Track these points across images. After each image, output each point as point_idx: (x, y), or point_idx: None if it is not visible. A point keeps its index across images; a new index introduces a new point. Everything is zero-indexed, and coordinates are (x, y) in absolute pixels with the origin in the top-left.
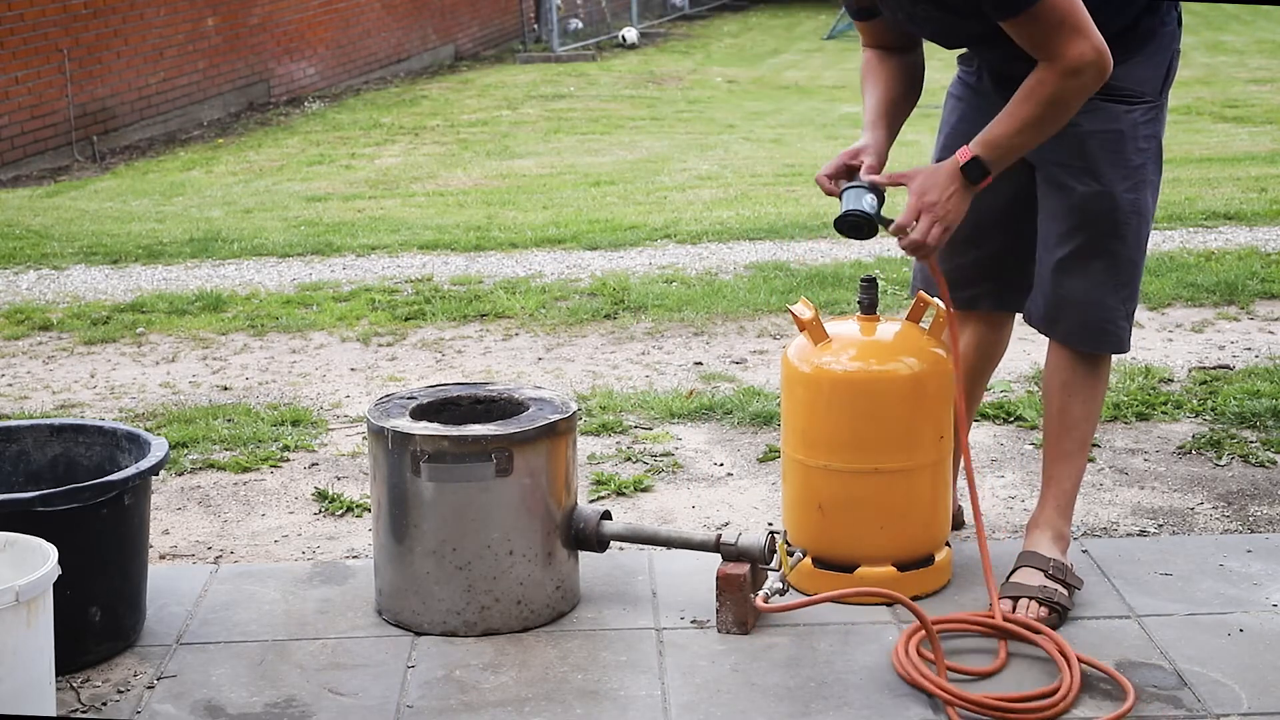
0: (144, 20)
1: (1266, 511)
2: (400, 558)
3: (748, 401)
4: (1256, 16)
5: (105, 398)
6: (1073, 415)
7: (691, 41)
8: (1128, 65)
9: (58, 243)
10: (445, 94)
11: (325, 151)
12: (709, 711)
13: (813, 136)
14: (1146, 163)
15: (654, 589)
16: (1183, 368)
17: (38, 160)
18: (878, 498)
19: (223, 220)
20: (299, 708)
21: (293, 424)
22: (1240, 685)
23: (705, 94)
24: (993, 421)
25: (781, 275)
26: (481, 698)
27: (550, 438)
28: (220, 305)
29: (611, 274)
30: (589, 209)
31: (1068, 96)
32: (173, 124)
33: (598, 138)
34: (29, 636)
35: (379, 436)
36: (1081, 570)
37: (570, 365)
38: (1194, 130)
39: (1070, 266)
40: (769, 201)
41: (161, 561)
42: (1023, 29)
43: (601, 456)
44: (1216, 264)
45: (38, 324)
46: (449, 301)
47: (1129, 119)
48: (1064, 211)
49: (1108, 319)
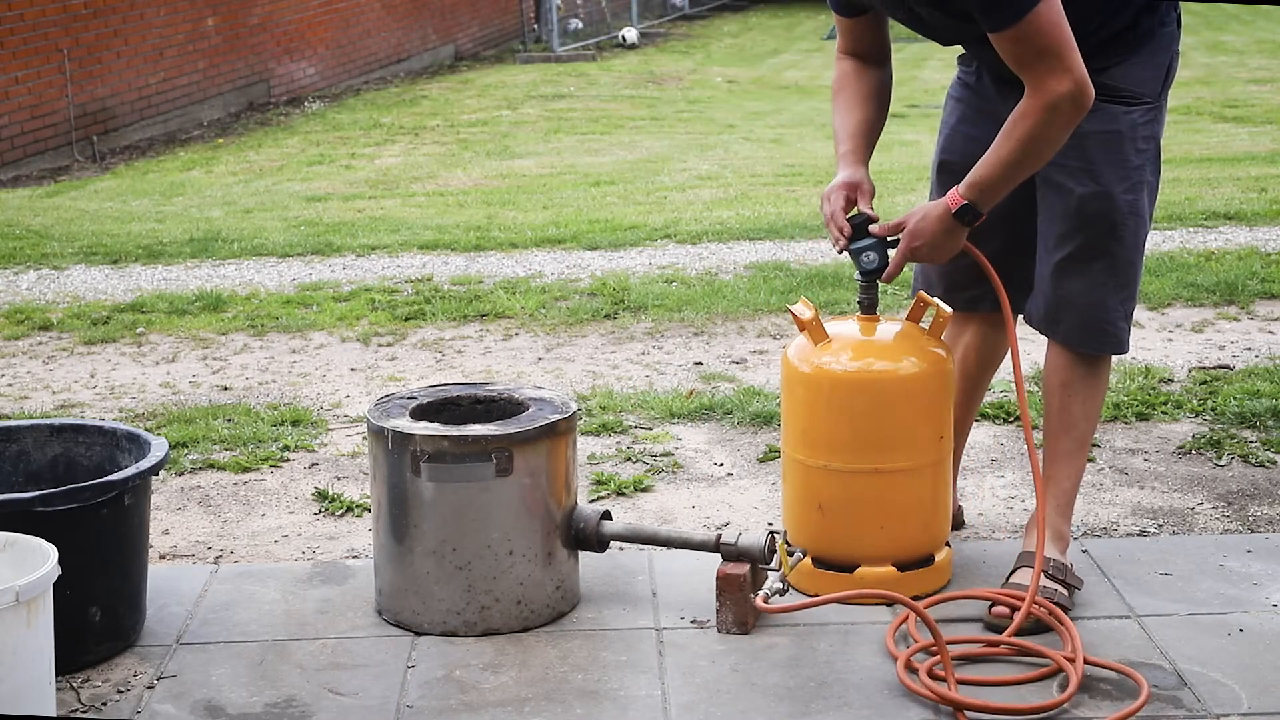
0: (144, 20)
1: (1266, 511)
2: (400, 558)
3: (748, 401)
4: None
5: (105, 398)
6: (1073, 415)
7: (691, 41)
8: (1126, 66)
9: (58, 243)
10: (445, 94)
11: (325, 151)
12: (709, 711)
13: (813, 136)
14: (1145, 164)
15: (654, 589)
16: (1183, 368)
17: (38, 160)
18: (878, 498)
19: (223, 220)
20: (299, 708)
21: (293, 424)
22: (1240, 685)
23: (705, 94)
24: (993, 421)
25: (781, 275)
26: (481, 698)
27: (550, 438)
28: (220, 305)
29: (611, 274)
30: (589, 209)
31: (1048, 131)
32: (173, 124)
33: (598, 138)
34: (29, 636)
35: (379, 436)
36: (1081, 570)
37: (570, 365)
38: (1194, 130)
39: (1070, 268)
40: (769, 201)
41: (161, 561)
42: (1008, 46)
43: (601, 456)
44: (1216, 264)
45: (38, 324)
46: (449, 301)
47: (1128, 119)
48: (1063, 213)
49: (1107, 320)
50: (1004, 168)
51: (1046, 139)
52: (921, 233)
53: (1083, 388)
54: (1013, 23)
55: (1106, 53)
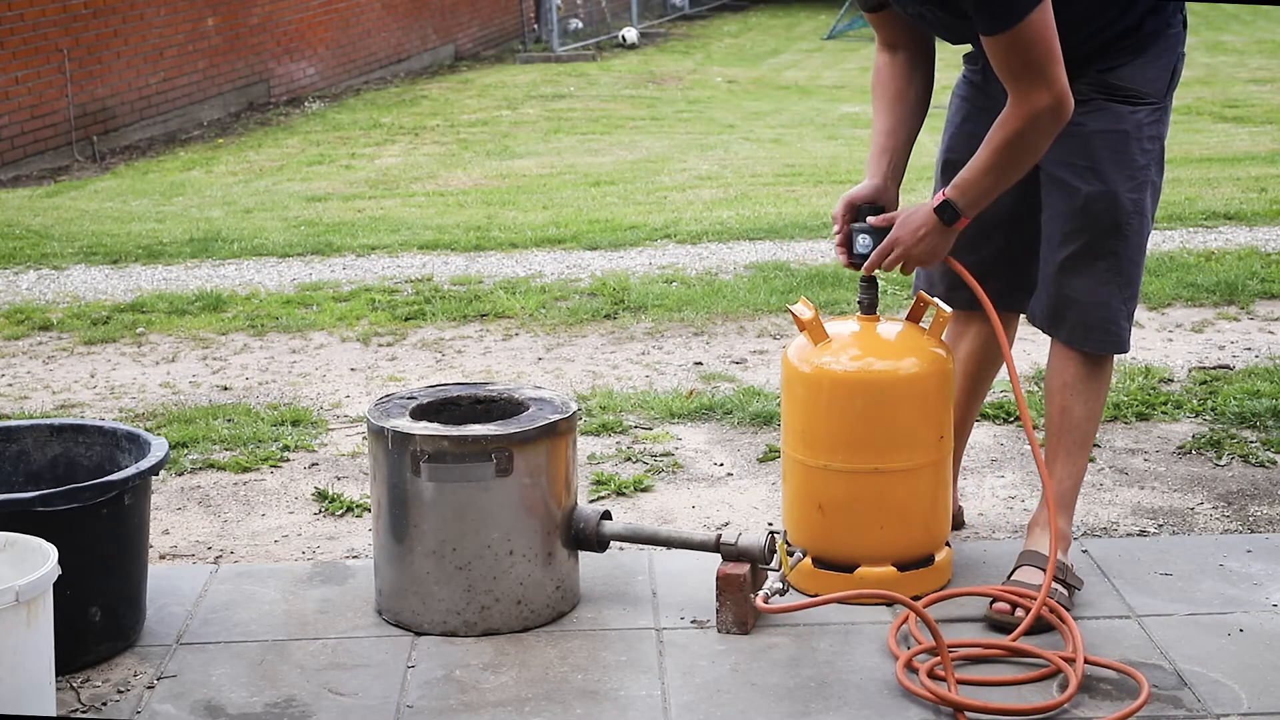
0: (144, 20)
1: (1266, 511)
2: (400, 558)
3: (748, 401)
4: (1256, 16)
5: (105, 398)
6: (1074, 415)
7: (691, 41)
8: (1133, 66)
9: (58, 243)
10: (445, 94)
11: (325, 151)
12: (709, 711)
13: (813, 136)
14: (1150, 164)
15: (654, 589)
16: (1183, 368)
17: (38, 160)
18: (878, 498)
19: (223, 220)
20: (299, 708)
21: (293, 424)
22: (1240, 685)
23: (705, 94)
24: (993, 421)
25: (781, 275)
26: (481, 698)
27: (550, 438)
28: (220, 305)
29: (611, 274)
30: (589, 209)
31: (1027, 140)
32: (173, 124)
33: (598, 138)
34: (29, 636)
35: (379, 436)
36: (1081, 570)
37: (570, 365)
38: (1194, 130)
39: (1074, 266)
40: (769, 201)
41: (161, 561)
42: (999, 52)
43: (601, 456)
44: (1216, 264)
45: (38, 324)
46: (449, 301)
47: (1134, 119)
48: (1068, 211)
49: (1110, 319)
50: (985, 172)
51: (1026, 147)
52: (906, 225)
53: (1085, 388)
54: (1007, 28)
55: (1112, 53)
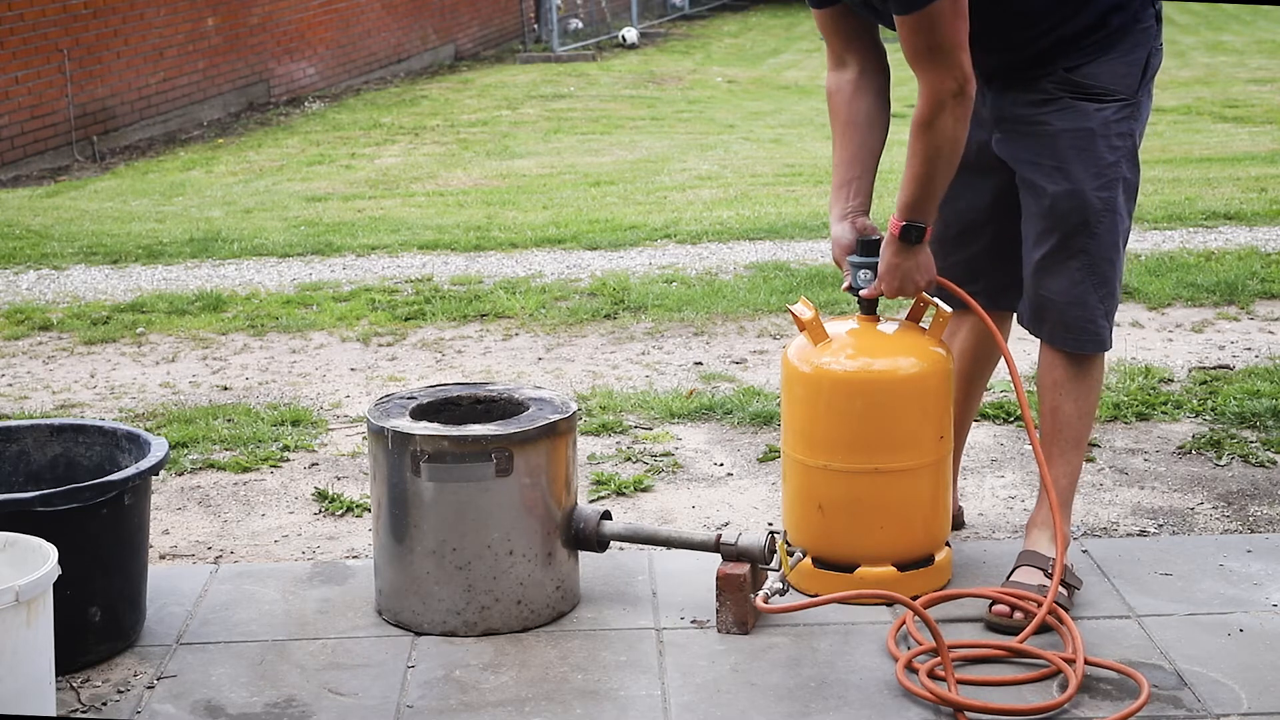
0: (144, 20)
1: (1266, 511)
2: (400, 558)
3: (748, 401)
4: (1256, 16)
5: (105, 398)
6: (1065, 414)
7: (691, 41)
8: (1100, 63)
9: (58, 243)
10: (445, 94)
11: (325, 151)
12: (709, 711)
13: (813, 136)
14: (1120, 160)
15: (654, 589)
16: (1183, 368)
17: (38, 160)
18: (878, 498)
19: (223, 220)
20: (299, 708)
21: (293, 424)
22: (1240, 685)
23: (705, 94)
24: (993, 421)
25: (781, 275)
26: (481, 698)
27: (550, 438)
28: (220, 305)
29: (611, 274)
30: (589, 209)
31: (942, 127)
32: (173, 124)
33: (598, 138)
34: (29, 636)
35: (379, 436)
36: (1081, 570)
37: (570, 365)
38: (1194, 130)
39: (1048, 266)
40: (769, 201)
41: (161, 561)
42: (907, 33)
43: (601, 456)
44: (1216, 264)
45: (38, 324)
46: (449, 301)
47: (1100, 117)
48: (1038, 212)
49: (1088, 318)
50: (919, 182)
51: (943, 137)
52: (884, 260)
53: (1074, 387)
54: (917, 8)
55: (1077, 50)
